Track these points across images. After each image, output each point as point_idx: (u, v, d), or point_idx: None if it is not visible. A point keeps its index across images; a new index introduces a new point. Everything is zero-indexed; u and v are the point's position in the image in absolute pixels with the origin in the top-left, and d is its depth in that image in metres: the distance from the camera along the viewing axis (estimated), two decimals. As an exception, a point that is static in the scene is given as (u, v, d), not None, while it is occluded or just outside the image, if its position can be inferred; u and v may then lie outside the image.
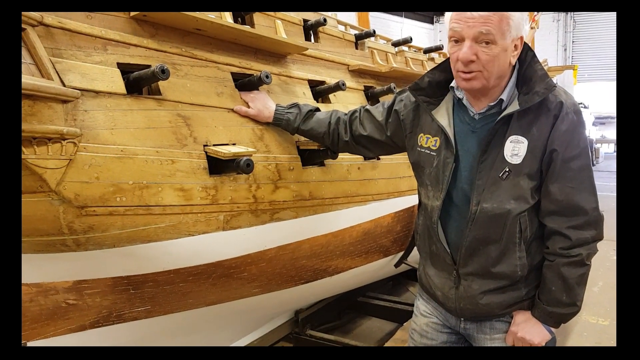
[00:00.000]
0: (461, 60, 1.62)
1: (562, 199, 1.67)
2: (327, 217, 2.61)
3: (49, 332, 1.98)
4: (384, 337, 3.91)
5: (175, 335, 2.51)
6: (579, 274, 1.70)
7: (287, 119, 2.25)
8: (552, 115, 1.65)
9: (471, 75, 1.64)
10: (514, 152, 1.67)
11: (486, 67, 1.62)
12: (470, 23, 1.58)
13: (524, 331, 1.77)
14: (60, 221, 1.69)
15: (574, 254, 1.68)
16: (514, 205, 1.68)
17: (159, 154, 1.85)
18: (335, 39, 3.14)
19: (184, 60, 2.08)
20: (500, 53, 1.61)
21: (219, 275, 2.27)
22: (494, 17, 1.57)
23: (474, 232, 1.74)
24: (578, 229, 1.67)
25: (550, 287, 1.73)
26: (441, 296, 1.91)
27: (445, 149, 1.79)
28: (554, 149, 1.64)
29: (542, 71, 1.67)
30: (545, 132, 1.65)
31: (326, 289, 3.27)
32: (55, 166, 1.59)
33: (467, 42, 1.61)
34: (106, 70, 1.79)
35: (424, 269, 2.00)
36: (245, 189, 2.14)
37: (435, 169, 1.83)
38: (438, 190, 1.82)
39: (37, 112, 1.52)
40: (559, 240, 1.70)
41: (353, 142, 2.19)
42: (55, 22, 1.70)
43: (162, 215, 1.89)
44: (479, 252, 1.76)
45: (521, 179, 1.67)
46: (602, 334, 3.94)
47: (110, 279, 2.01)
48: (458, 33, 1.62)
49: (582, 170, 1.67)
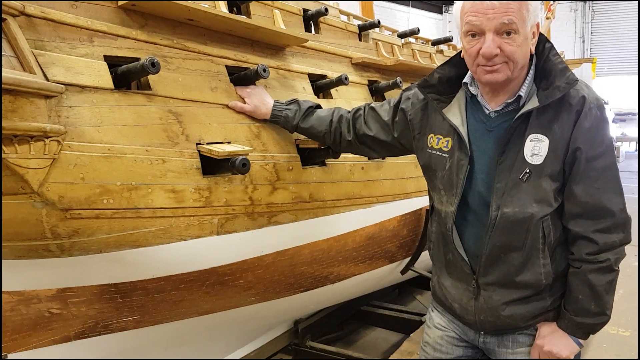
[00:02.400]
0: (484, 56, 1.61)
1: (587, 200, 1.65)
2: (328, 221, 2.61)
3: (31, 344, 1.98)
4: (389, 349, 3.91)
5: (166, 347, 2.51)
6: (608, 281, 1.69)
7: (286, 116, 2.24)
8: (574, 112, 1.63)
9: (495, 68, 1.63)
10: (534, 151, 1.65)
11: (511, 58, 1.61)
12: (491, 15, 1.57)
13: (551, 344, 1.76)
14: (43, 225, 1.69)
15: (601, 259, 1.67)
16: (537, 209, 1.67)
17: (148, 153, 1.85)
18: (337, 29, 3.14)
19: (176, 52, 2.08)
20: (523, 42, 1.61)
21: (213, 283, 2.27)
22: (514, 4, 1.56)
23: (494, 239, 1.72)
24: (605, 233, 1.66)
25: (577, 295, 1.71)
26: (458, 308, 1.89)
27: (459, 150, 1.77)
28: (577, 147, 1.63)
29: (562, 64, 1.66)
30: (568, 129, 1.63)
31: (327, 297, 3.27)
32: (38, 166, 1.59)
33: (489, 35, 1.59)
34: (92, 63, 1.79)
35: (439, 280, 1.98)
36: (241, 191, 2.14)
37: (448, 171, 1.81)
38: (452, 194, 1.80)
39: (19, 108, 1.52)
40: (585, 246, 1.68)
41: (357, 142, 2.18)
42: (38, 12, 1.70)
43: (152, 218, 1.89)
44: (500, 261, 1.75)
45: (543, 181, 1.66)
46: (622, 345, 3.93)
47: (96, 286, 2.01)
48: (477, 27, 1.60)
49: (607, 170, 1.65)
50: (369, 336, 4.23)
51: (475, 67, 1.67)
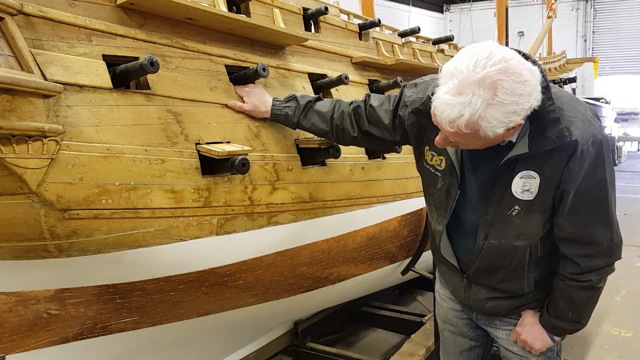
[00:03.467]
0: (436, 144, 1.63)
1: (574, 231, 1.70)
2: (328, 221, 2.61)
3: (29, 345, 1.98)
4: (390, 350, 3.91)
5: (165, 348, 2.51)
6: (588, 296, 1.79)
7: (286, 114, 2.23)
8: (565, 155, 1.60)
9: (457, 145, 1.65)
10: (525, 187, 1.66)
11: (466, 147, 1.65)
12: (445, 130, 1.52)
13: (528, 334, 1.90)
14: (41, 225, 1.69)
15: (583, 279, 1.75)
16: (523, 242, 1.74)
17: (147, 152, 1.85)
18: (337, 29, 3.14)
19: (175, 52, 2.08)
20: (485, 141, 1.55)
21: (212, 284, 2.26)
22: (465, 134, 1.48)
23: (480, 261, 1.84)
24: (589, 258, 1.72)
25: (557, 302, 1.83)
26: (452, 291, 2.10)
27: (450, 175, 1.81)
28: (565, 190, 1.64)
29: (555, 114, 1.57)
30: (558, 171, 1.62)
31: (328, 298, 3.27)
32: (36, 166, 1.59)
33: (441, 134, 1.58)
34: (91, 62, 1.79)
35: (439, 261, 2.12)
36: (241, 191, 2.14)
37: (439, 191, 1.85)
38: (441, 215, 1.87)
39: (17, 107, 1.52)
40: (569, 266, 1.76)
41: (362, 137, 2.17)
42: (36, 10, 1.69)
43: (151, 218, 1.89)
44: (487, 273, 1.88)
45: (533, 217, 1.70)
46: (625, 346, 3.94)
47: (95, 287, 2.01)
48: (434, 120, 1.56)
49: (597, 202, 1.66)
50: (370, 337, 4.23)
51: None
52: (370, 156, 2.81)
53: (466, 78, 1.41)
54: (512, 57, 1.43)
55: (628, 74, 22.99)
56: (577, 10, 23.42)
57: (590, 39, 23.64)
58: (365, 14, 6.87)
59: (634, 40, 22.46)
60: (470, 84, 1.40)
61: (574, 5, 23.33)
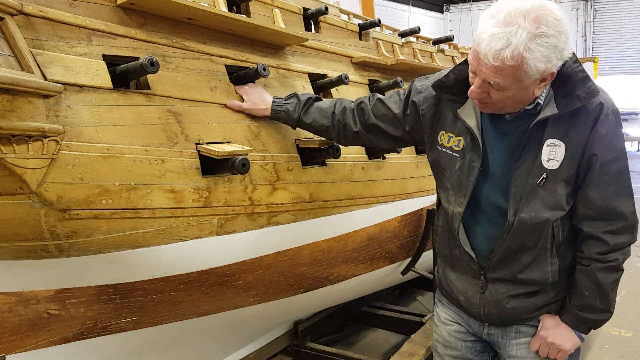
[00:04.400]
0: (470, 95, 1.66)
1: (601, 204, 1.70)
2: (328, 221, 2.61)
3: (29, 345, 1.98)
4: (390, 350, 3.91)
5: (165, 348, 2.50)
6: (614, 279, 1.77)
7: (286, 110, 2.20)
8: (591, 118, 1.65)
9: (484, 105, 1.68)
10: (550, 156, 1.68)
11: (498, 105, 1.65)
12: (483, 68, 1.55)
13: (554, 336, 1.83)
14: (41, 225, 1.69)
15: (610, 258, 1.74)
16: (551, 214, 1.71)
17: (147, 152, 1.85)
18: (337, 29, 3.14)
19: (175, 51, 2.08)
20: (517, 93, 1.59)
21: (212, 284, 2.26)
22: (507, 69, 1.51)
23: (509, 242, 1.77)
24: (615, 234, 1.73)
25: (583, 292, 1.78)
26: (464, 301, 1.95)
27: (471, 151, 1.79)
28: (593, 154, 1.66)
29: (584, 73, 1.64)
30: (584, 135, 1.66)
31: (328, 298, 3.27)
32: (36, 166, 1.59)
33: (477, 80, 1.60)
34: (91, 62, 1.79)
35: (444, 272, 2.03)
36: (241, 191, 2.14)
37: (458, 171, 1.83)
38: (461, 195, 1.82)
39: (17, 107, 1.52)
40: (595, 245, 1.75)
41: (364, 132, 2.12)
42: (36, 10, 1.69)
43: (151, 218, 1.89)
44: (511, 259, 1.81)
45: (558, 186, 1.70)
46: (625, 346, 3.94)
47: (95, 287, 2.01)
48: (472, 67, 1.61)
49: (620, 174, 1.70)
50: (370, 337, 4.23)
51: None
52: (371, 156, 2.81)
53: (512, 11, 1.48)
54: (549, 2, 1.53)
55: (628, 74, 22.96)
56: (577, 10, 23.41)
57: (590, 39, 23.63)
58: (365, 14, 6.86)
59: (634, 40, 22.45)
60: (516, 15, 1.47)
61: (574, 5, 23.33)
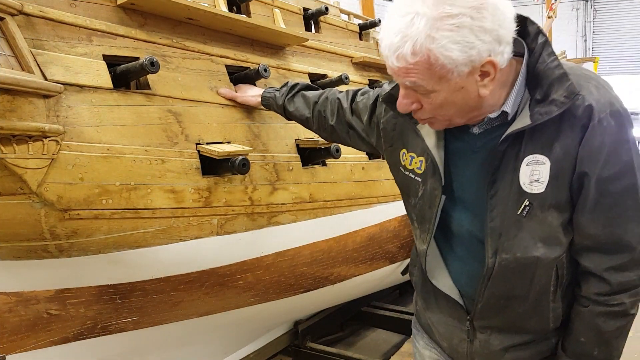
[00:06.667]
0: (399, 110, 1.34)
1: (599, 233, 1.31)
2: (328, 221, 2.61)
3: (29, 345, 1.98)
4: (390, 350, 3.91)
5: (165, 348, 2.50)
6: (618, 326, 1.39)
7: (274, 97, 2.08)
8: (579, 126, 1.24)
9: (425, 121, 1.35)
10: (533, 177, 1.29)
11: (437, 114, 1.29)
12: (394, 72, 1.24)
13: None
14: (41, 225, 1.69)
15: (613, 302, 1.35)
16: (544, 251, 1.33)
17: (148, 153, 1.85)
18: (337, 29, 3.14)
19: (175, 52, 2.08)
20: (451, 95, 1.23)
21: (213, 284, 2.26)
22: (416, 67, 1.18)
23: (492, 288, 1.41)
24: (620, 271, 1.33)
25: (578, 337, 1.42)
26: (448, 348, 1.61)
27: (432, 177, 1.44)
28: (583, 172, 1.26)
29: (560, 69, 1.24)
30: (573, 148, 1.25)
31: (328, 298, 3.27)
32: (37, 166, 1.59)
33: (401, 89, 1.29)
34: (91, 62, 1.79)
35: (425, 312, 1.68)
36: (241, 191, 2.14)
37: (420, 200, 1.49)
38: (424, 230, 1.49)
39: (17, 107, 1.52)
40: (594, 284, 1.36)
41: (340, 127, 1.83)
42: (37, 11, 1.69)
43: (151, 219, 1.89)
44: (500, 308, 1.44)
45: (548, 214, 1.31)
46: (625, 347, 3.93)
47: (95, 287, 2.01)
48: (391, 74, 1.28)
49: (625, 194, 1.27)
50: (370, 337, 4.22)
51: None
52: (371, 156, 2.81)
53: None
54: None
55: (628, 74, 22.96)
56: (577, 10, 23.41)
57: (590, 39, 23.63)
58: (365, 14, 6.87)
59: (634, 40, 22.45)
60: (412, 0, 1.14)
61: (574, 5, 23.33)
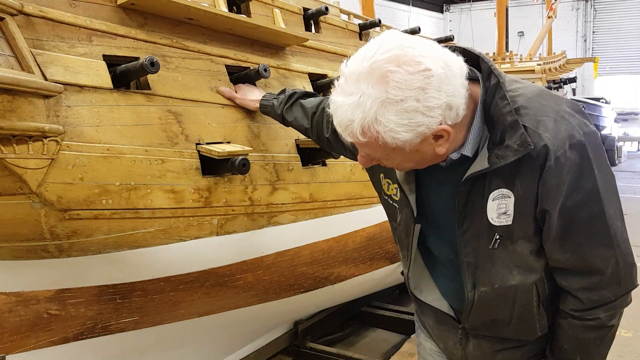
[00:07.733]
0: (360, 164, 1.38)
1: (568, 258, 1.34)
2: (329, 221, 2.61)
3: (29, 345, 1.98)
4: (390, 350, 3.90)
5: (165, 348, 2.50)
6: (598, 336, 1.42)
7: (272, 104, 2.07)
8: (537, 165, 1.25)
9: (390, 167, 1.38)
10: (500, 210, 1.31)
11: (398, 166, 1.35)
12: (343, 138, 1.24)
13: None
14: (41, 225, 1.69)
15: (589, 317, 1.38)
16: (520, 278, 1.38)
17: (148, 153, 1.84)
18: (337, 29, 3.14)
19: (175, 52, 2.08)
20: (408, 157, 1.25)
21: (213, 284, 2.26)
22: (368, 144, 1.19)
23: (475, 316, 1.47)
24: (594, 290, 1.35)
25: (562, 345, 1.46)
26: (444, 349, 1.68)
27: (406, 207, 1.48)
28: (545, 210, 1.28)
29: (512, 116, 1.23)
30: (532, 187, 1.27)
31: (328, 298, 3.27)
32: (37, 166, 1.59)
33: (359, 150, 1.31)
34: (91, 62, 1.79)
35: (421, 313, 1.72)
36: (241, 191, 2.14)
37: (399, 226, 1.55)
38: (404, 255, 1.57)
39: (17, 107, 1.52)
40: (570, 301, 1.40)
41: (334, 139, 1.80)
42: (37, 11, 1.69)
43: (151, 219, 1.89)
44: (488, 326, 1.51)
45: (517, 245, 1.35)
46: (624, 347, 3.93)
47: (95, 287, 2.01)
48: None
49: (592, 220, 1.28)
50: (370, 337, 4.22)
51: None
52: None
53: (352, 73, 1.15)
54: (414, 46, 1.15)
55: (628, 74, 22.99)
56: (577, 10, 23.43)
57: (590, 39, 23.65)
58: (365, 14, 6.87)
59: (634, 40, 22.47)
60: (358, 79, 1.14)
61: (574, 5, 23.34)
